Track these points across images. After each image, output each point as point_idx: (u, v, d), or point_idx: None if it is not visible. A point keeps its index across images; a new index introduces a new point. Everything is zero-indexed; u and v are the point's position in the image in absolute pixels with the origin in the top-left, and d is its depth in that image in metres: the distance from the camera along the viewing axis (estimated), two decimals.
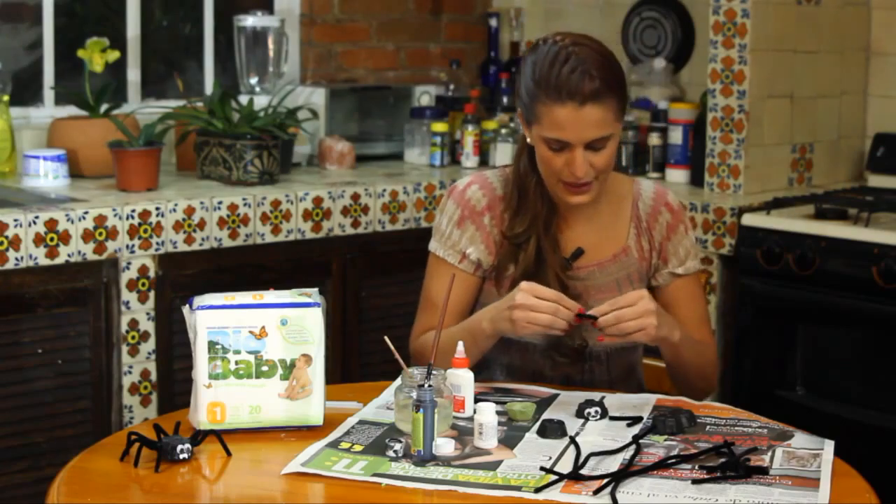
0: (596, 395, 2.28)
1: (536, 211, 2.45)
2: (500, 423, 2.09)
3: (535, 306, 2.24)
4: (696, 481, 1.89)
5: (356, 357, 3.65)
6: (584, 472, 1.92)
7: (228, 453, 2.00)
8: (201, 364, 2.08)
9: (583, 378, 2.47)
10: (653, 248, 2.51)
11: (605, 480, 1.87)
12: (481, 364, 2.47)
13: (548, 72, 2.32)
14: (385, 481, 1.89)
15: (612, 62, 2.36)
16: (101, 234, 3.17)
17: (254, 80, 4.10)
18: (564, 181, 2.38)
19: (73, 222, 3.12)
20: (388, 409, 2.20)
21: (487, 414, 2.04)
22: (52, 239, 3.09)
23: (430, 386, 1.98)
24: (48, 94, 3.91)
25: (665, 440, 2.08)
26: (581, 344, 2.44)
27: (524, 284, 2.28)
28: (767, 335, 3.43)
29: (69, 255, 3.13)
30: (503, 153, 4.07)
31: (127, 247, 3.21)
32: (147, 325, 3.26)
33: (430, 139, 4.11)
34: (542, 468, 1.93)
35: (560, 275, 2.43)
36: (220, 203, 3.37)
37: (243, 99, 3.84)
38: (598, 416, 2.18)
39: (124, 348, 3.23)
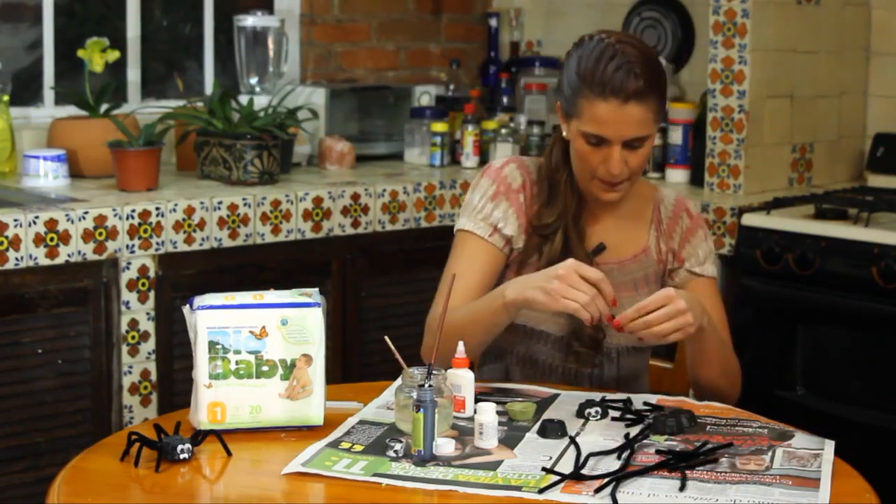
0: (596, 395, 2.28)
1: (566, 204, 2.46)
2: (500, 423, 2.09)
3: (577, 284, 2.21)
4: (682, 479, 1.89)
5: (356, 357, 3.65)
6: (584, 472, 1.92)
7: (229, 453, 2.00)
8: (201, 364, 2.08)
9: (591, 374, 2.46)
10: (669, 250, 2.52)
11: (606, 480, 1.87)
12: (496, 354, 2.48)
13: (593, 67, 2.33)
14: (385, 481, 1.89)
15: (657, 63, 2.38)
16: (101, 234, 3.17)
17: (254, 80, 4.10)
18: (599, 178, 2.39)
19: (73, 222, 3.12)
20: (388, 409, 2.20)
21: (488, 414, 2.04)
22: (52, 239, 3.09)
23: (430, 386, 1.98)
24: (48, 94, 3.91)
25: (665, 440, 2.08)
26: (600, 336, 2.43)
27: (570, 261, 2.25)
28: (767, 335, 3.43)
29: (69, 255, 3.12)
30: (503, 153, 4.06)
31: (127, 247, 3.21)
32: (147, 325, 3.26)
33: (430, 139, 4.10)
34: (543, 468, 1.93)
35: None
36: (220, 203, 3.37)
37: (243, 99, 3.84)
38: (599, 416, 2.18)
39: (124, 348, 3.23)
